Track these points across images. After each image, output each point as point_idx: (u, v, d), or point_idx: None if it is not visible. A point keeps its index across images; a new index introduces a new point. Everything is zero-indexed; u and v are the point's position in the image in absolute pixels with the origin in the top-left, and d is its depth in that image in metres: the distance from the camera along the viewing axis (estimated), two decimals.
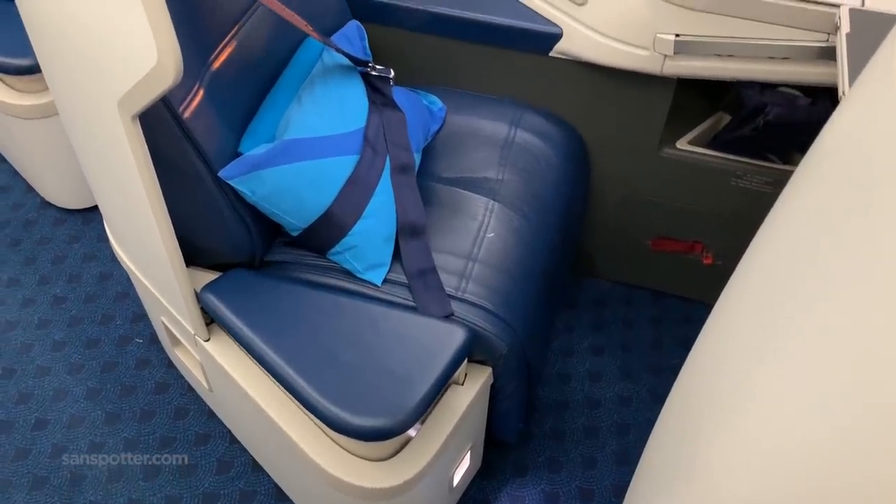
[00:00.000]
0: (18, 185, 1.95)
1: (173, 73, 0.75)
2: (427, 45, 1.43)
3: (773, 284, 0.67)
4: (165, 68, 0.75)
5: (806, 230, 0.64)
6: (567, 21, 1.31)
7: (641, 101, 1.35)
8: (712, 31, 1.17)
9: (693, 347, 0.84)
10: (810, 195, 0.68)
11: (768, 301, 0.66)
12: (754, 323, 0.68)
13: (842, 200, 0.58)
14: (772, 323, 0.63)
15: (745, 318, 0.71)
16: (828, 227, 0.59)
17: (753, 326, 0.68)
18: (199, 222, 1.13)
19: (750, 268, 0.78)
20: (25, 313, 1.67)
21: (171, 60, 0.74)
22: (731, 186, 1.41)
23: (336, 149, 1.13)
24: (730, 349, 0.72)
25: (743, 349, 0.68)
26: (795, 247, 0.65)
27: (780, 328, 0.60)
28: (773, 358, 0.60)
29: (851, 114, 0.64)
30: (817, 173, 0.69)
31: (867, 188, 0.54)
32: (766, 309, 0.66)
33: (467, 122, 1.40)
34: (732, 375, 0.68)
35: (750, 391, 0.62)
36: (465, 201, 1.26)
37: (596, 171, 1.51)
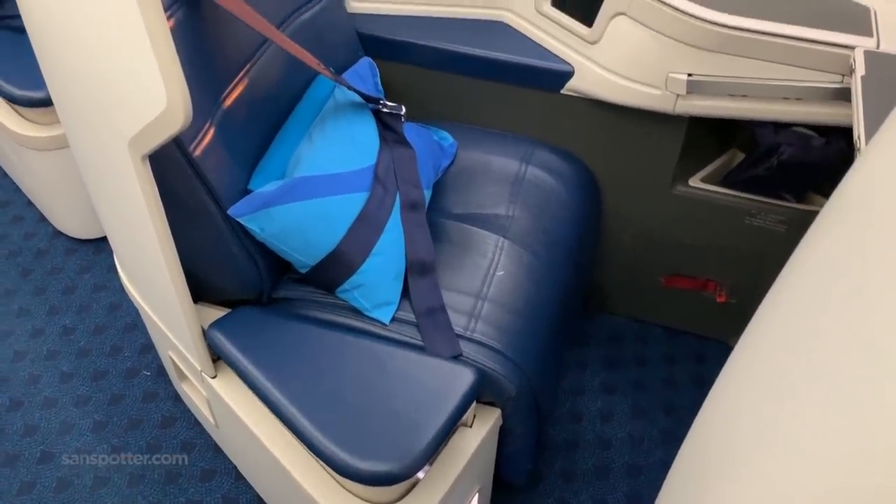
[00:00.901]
0: (31, 214, 1.96)
1: (182, 119, 0.75)
2: (439, 81, 1.43)
3: (797, 330, 0.65)
4: (175, 113, 0.75)
5: (831, 277, 0.63)
6: (579, 59, 1.30)
7: (654, 139, 1.34)
8: (725, 71, 1.16)
9: (711, 390, 0.82)
10: (836, 241, 0.67)
11: (792, 347, 0.65)
12: (777, 368, 0.66)
13: (868, 250, 0.57)
14: (795, 370, 0.61)
15: (767, 363, 0.70)
16: (855, 276, 0.58)
17: (776, 372, 0.66)
18: (208, 259, 1.13)
19: (772, 312, 0.76)
20: (34, 344, 1.66)
21: (181, 106, 0.74)
22: (745, 225, 1.40)
23: (346, 186, 1.13)
24: (751, 394, 0.70)
25: (765, 395, 0.66)
26: (820, 293, 0.64)
27: (803, 376, 0.59)
28: (796, 405, 0.58)
29: (878, 161, 0.63)
30: (843, 220, 0.68)
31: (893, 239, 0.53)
32: (789, 355, 0.65)
33: (478, 157, 1.40)
34: (753, 421, 0.66)
35: (772, 438, 0.61)
36: (475, 238, 1.25)
37: (608, 208, 1.50)
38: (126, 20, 0.70)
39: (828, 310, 0.60)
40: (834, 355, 0.55)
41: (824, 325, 0.59)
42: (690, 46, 1.15)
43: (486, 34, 1.40)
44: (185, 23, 0.99)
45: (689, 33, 1.14)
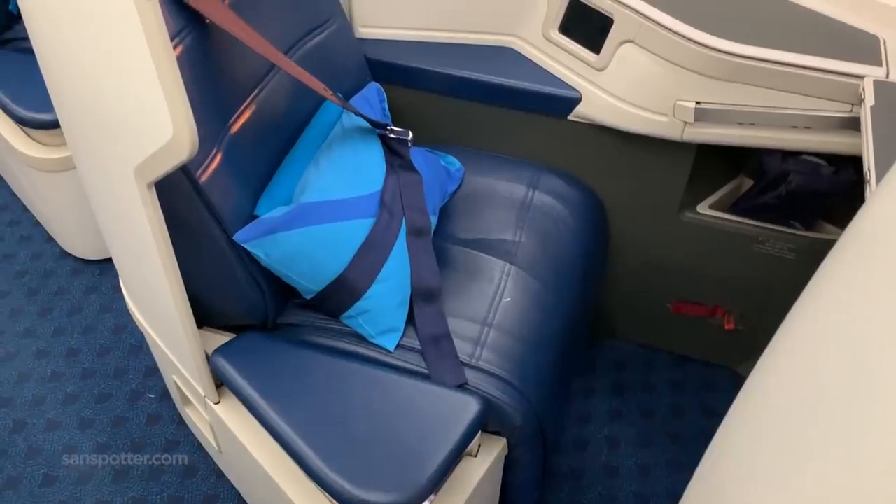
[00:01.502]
0: (39, 234, 1.96)
1: (188, 149, 0.75)
2: (446, 106, 1.43)
3: (815, 362, 0.64)
4: (181, 143, 0.75)
5: (848, 308, 0.62)
6: (586, 86, 1.30)
7: (661, 165, 1.34)
8: (733, 100, 1.16)
9: (724, 421, 0.81)
10: (852, 275, 0.67)
11: (810, 378, 0.64)
12: (792, 401, 0.65)
13: (883, 286, 0.56)
14: (812, 404, 0.60)
15: (782, 397, 0.69)
16: (871, 309, 0.57)
17: (791, 405, 0.65)
18: (213, 284, 1.12)
19: (788, 344, 0.75)
20: (39, 365, 1.66)
21: (187, 136, 0.74)
22: (753, 252, 1.39)
23: (352, 212, 1.12)
24: (768, 425, 0.69)
25: (783, 425, 0.65)
26: (838, 325, 0.63)
27: (820, 412, 0.58)
28: (811, 443, 0.57)
29: (892, 199, 0.62)
30: (858, 255, 0.67)
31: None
32: (807, 385, 0.64)
33: (485, 182, 1.39)
34: (771, 452, 0.65)
35: (792, 469, 0.59)
36: (481, 264, 1.24)
37: (615, 234, 1.49)
38: (133, 50, 0.70)
39: (847, 343, 0.59)
40: (854, 388, 0.54)
41: (842, 358, 0.58)
42: (699, 74, 1.15)
43: (494, 60, 1.40)
44: (194, 49, 1.00)
45: (697, 61, 1.14)
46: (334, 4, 1.33)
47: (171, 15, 0.97)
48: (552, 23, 1.34)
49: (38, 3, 0.88)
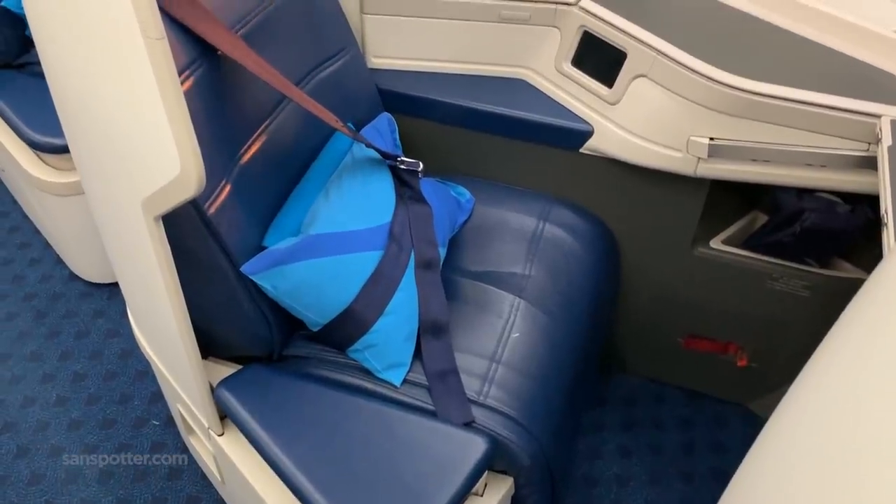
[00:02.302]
0: (49, 257, 1.96)
1: (195, 186, 0.74)
2: (458, 137, 1.43)
3: (839, 407, 0.63)
4: (188, 180, 0.74)
5: (881, 359, 0.61)
6: (598, 119, 1.29)
7: (674, 200, 1.32)
8: (748, 136, 1.14)
9: (743, 463, 0.79)
10: (882, 321, 0.65)
11: (837, 427, 0.62)
12: (819, 445, 0.63)
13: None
14: (840, 449, 0.59)
15: (808, 440, 0.67)
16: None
17: (818, 449, 0.63)
18: (219, 315, 1.11)
19: (811, 389, 0.73)
20: (44, 389, 1.65)
21: (194, 173, 0.73)
22: (767, 288, 1.37)
23: (360, 244, 1.11)
24: (790, 471, 0.67)
25: (806, 473, 0.63)
26: (863, 375, 0.62)
27: (849, 457, 0.57)
28: (839, 486, 0.56)
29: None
30: (883, 302, 0.66)
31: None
32: (834, 434, 0.62)
33: (495, 213, 1.38)
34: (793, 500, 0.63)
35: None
36: (491, 297, 1.23)
37: (627, 267, 1.47)
38: (142, 86, 0.70)
39: (877, 389, 0.58)
40: (884, 434, 0.53)
41: (873, 403, 0.57)
42: (712, 111, 1.14)
43: (506, 92, 1.40)
44: (205, 80, 0.99)
45: (711, 98, 1.13)
46: (347, 35, 1.33)
47: (183, 46, 0.97)
48: (565, 55, 1.34)
49: (49, 33, 0.88)
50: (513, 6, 1.33)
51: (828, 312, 1.34)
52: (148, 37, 0.65)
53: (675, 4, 1.31)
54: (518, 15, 1.34)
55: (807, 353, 1.45)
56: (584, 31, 1.30)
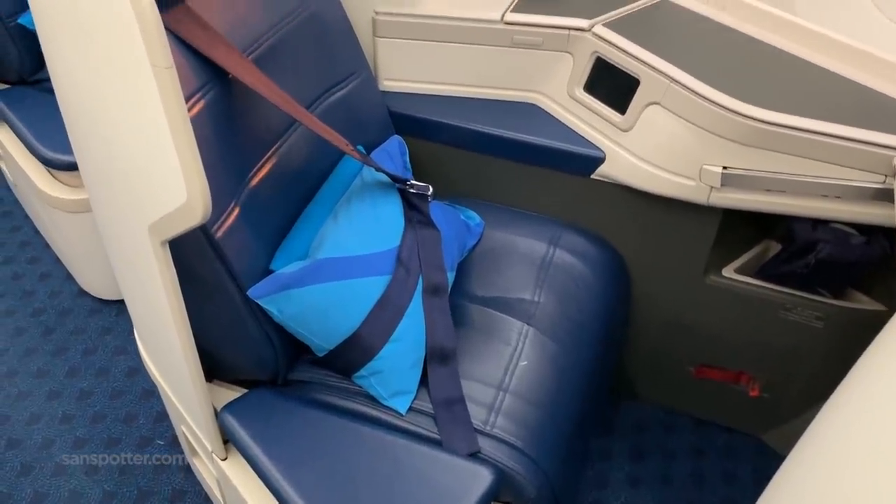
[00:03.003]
0: (59, 272, 1.97)
1: (201, 214, 0.74)
2: (469, 160, 1.42)
3: (863, 447, 0.61)
4: (194, 209, 0.73)
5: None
6: (610, 146, 1.28)
7: (686, 228, 1.31)
8: (762, 166, 1.13)
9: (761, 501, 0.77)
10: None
11: (858, 468, 0.61)
12: (837, 487, 0.62)
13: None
14: (858, 488, 0.57)
15: (830, 479, 0.65)
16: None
17: (836, 491, 0.62)
18: (224, 338, 1.10)
19: (832, 429, 0.71)
20: (50, 406, 1.65)
21: (200, 202, 0.73)
22: (780, 318, 1.34)
23: (368, 269, 1.10)
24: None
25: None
26: (891, 413, 0.60)
27: (867, 498, 0.55)
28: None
29: None
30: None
31: None
32: (859, 473, 0.61)
33: (505, 238, 1.37)
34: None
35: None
36: (499, 324, 1.21)
37: (637, 294, 1.45)
38: (150, 114, 0.69)
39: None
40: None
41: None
42: (726, 140, 1.13)
43: (518, 116, 1.39)
44: (216, 103, 0.99)
45: (724, 127, 1.11)
46: (359, 58, 1.33)
47: (195, 69, 0.96)
48: (577, 81, 1.33)
49: (59, 54, 0.88)
50: (525, 31, 1.33)
51: (842, 344, 1.33)
52: (156, 65, 0.64)
53: (689, 31, 1.30)
54: (531, 40, 1.33)
55: (820, 385, 1.42)
56: (597, 57, 1.29)
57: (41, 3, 0.85)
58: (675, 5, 1.38)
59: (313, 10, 1.23)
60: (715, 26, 1.32)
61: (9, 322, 1.84)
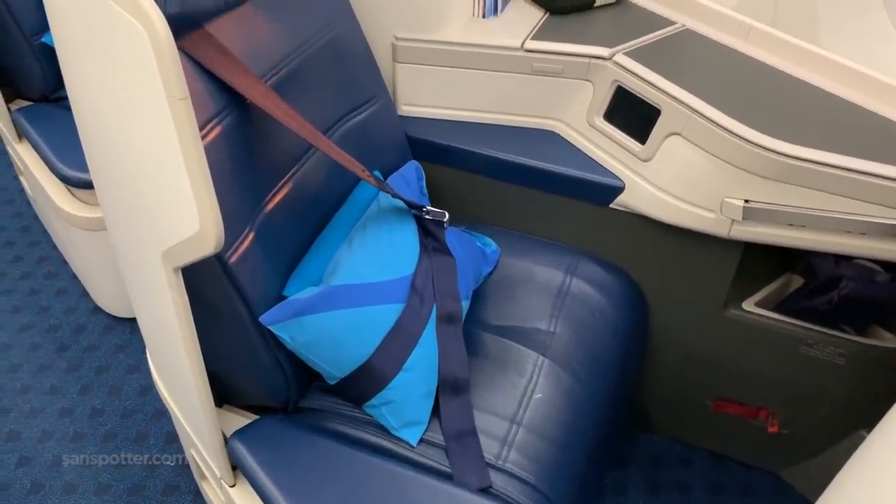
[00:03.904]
0: (75, 289, 1.97)
1: (213, 245, 0.73)
2: (486, 187, 1.41)
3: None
4: (206, 238, 0.73)
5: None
6: (630, 175, 1.27)
7: (706, 260, 1.29)
8: (784, 200, 1.11)
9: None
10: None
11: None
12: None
13: None
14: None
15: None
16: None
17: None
18: (235, 363, 1.10)
19: (861, 483, 0.68)
20: (62, 424, 1.64)
21: (212, 233, 0.72)
22: (801, 354, 1.32)
23: (382, 296, 1.09)
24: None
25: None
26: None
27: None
28: None
29: None
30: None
31: None
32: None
33: (521, 266, 1.36)
34: None
35: None
36: (513, 355, 1.20)
37: (655, 325, 1.43)
38: (164, 144, 0.69)
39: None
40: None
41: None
42: (748, 172, 1.11)
43: (536, 143, 1.38)
44: (234, 128, 0.99)
45: (746, 159, 1.10)
46: (378, 84, 1.32)
47: (213, 95, 0.96)
48: (597, 109, 1.32)
49: (78, 77, 0.88)
50: (545, 59, 1.32)
51: (864, 382, 1.30)
52: (171, 96, 0.64)
53: (712, 61, 1.29)
54: (551, 68, 1.32)
55: (842, 423, 1.39)
56: (617, 86, 1.28)
57: (61, 26, 0.85)
58: (697, 35, 1.36)
59: (334, 35, 1.23)
60: (737, 56, 1.30)
61: (25, 337, 1.85)
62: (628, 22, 1.41)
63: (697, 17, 1.41)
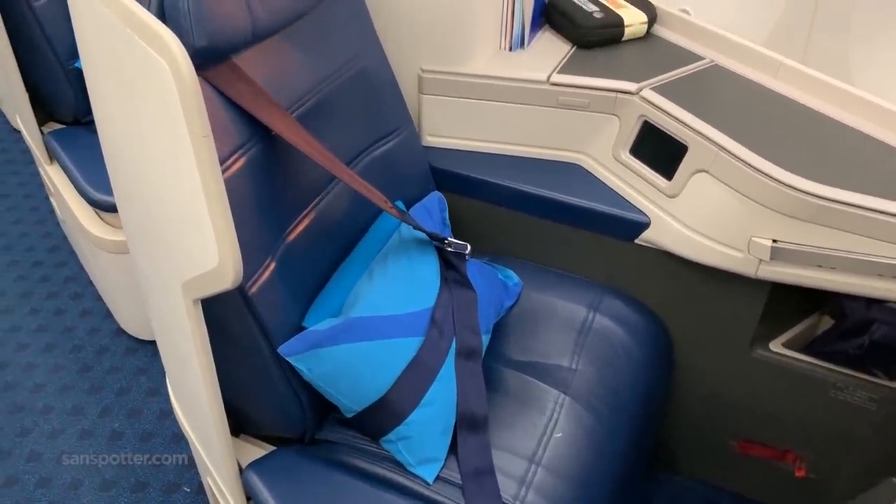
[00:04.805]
0: (99, 310, 1.99)
1: (231, 280, 0.73)
2: (509, 218, 1.40)
3: None
4: (225, 274, 0.73)
5: None
6: (656, 211, 1.25)
7: (733, 299, 1.26)
8: (814, 241, 1.08)
9: None
10: None
11: None
12: None
13: None
14: None
15: None
16: None
17: None
18: (252, 393, 1.09)
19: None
20: (82, 446, 1.65)
21: (231, 269, 0.72)
22: (830, 398, 1.28)
23: (401, 329, 1.08)
24: None
25: None
26: None
27: None
28: None
29: None
30: None
31: None
32: None
33: (543, 300, 1.34)
34: None
35: None
36: (534, 391, 1.18)
37: (680, 363, 1.40)
38: (186, 180, 0.69)
39: None
40: None
41: None
42: (776, 212, 1.09)
43: (561, 176, 1.37)
44: (258, 159, 0.99)
45: (775, 199, 1.08)
46: (403, 115, 1.32)
47: (238, 126, 0.97)
48: (623, 144, 1.31)
49: (104, 107, 0.89)
50: (571, 93, 1.31)
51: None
52: (194, 133, 0.64)
53: (740, 98, 1.27)
54: (577, 101, 1.32)
55: (873, 469, 1.34)
56: (644, 121, 1.27)
57: (88, 55, 0.86)
58: (725, 70, 1.35)
59: (361, 67, 1.24)
60: (767, 93, 1.29)
61: (49, 358, 1.86)
62: (656, 57, 1.40)
63: (726, 53, 1.39)
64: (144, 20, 0.63)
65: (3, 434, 1.67)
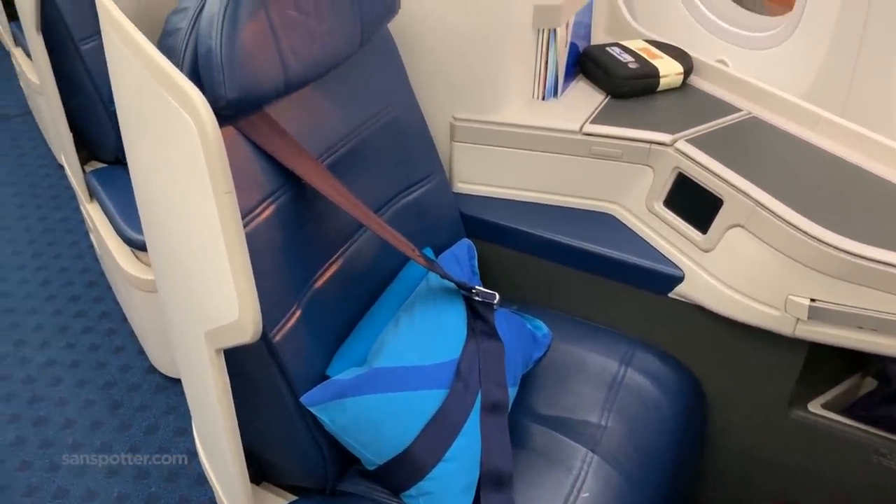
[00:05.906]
0: (132, 346, 2.01)
1: (250, 335, 0.73)
2: (539, 267, 1.38)
3: None
4: (244, 328, 0.72)
5: None
6: (690, 265, 1.22)
7: (770, 357, 1.22)
8: (854, 301, 1.04)
9: None
10: None
11: None
12: None
13: None
14: None
15: None
16: None
17: None
18: (274, 442, 1.08)
19: None
20: (108, 484, 1.65)
21: (251, 324, 0.72)
22: (873, 463, 1.22)
23: (425, 381, 1.07)
24: None
25: None
26: None
27: None
28: None
29: None
30: None
31: None
32: None
33: (573, 353, 1.31)
34: None
35: None
36: (561, 448, 1.15)
37: (713, 421, 1.36)
38: (209, 234, 0.69)
39: None
40: None
41: None
42: (815, 271, 1.05)
43: (593, 226, 1.35)
44: (288, 207, 1.00)
45: (813, 257, 1.04)
46: (434, 162, 1.33)
47: (269, 175, 0.97)
48: (657, 195, 1.29)
49: (135, 153, 0.90)
50: (605, 143, 1.30)
51: None
52: (217, 190, 0.64)
53: (778, 151, 1.25)
54: (610, 152, 1.30)
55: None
56: (678, 173, 1.25)
57: (122, 103, 0.88)
58: (763, 123, 1.33)
59: (394, 116, 1.24)
60: (805, 147, 1.26)
61: (81, 393, 1.88)
62: (692, 107, 1.38)
63: (764, 105, 1.37)
64: (172, 77, 0.64)
65: (32, 471, 1.68)
